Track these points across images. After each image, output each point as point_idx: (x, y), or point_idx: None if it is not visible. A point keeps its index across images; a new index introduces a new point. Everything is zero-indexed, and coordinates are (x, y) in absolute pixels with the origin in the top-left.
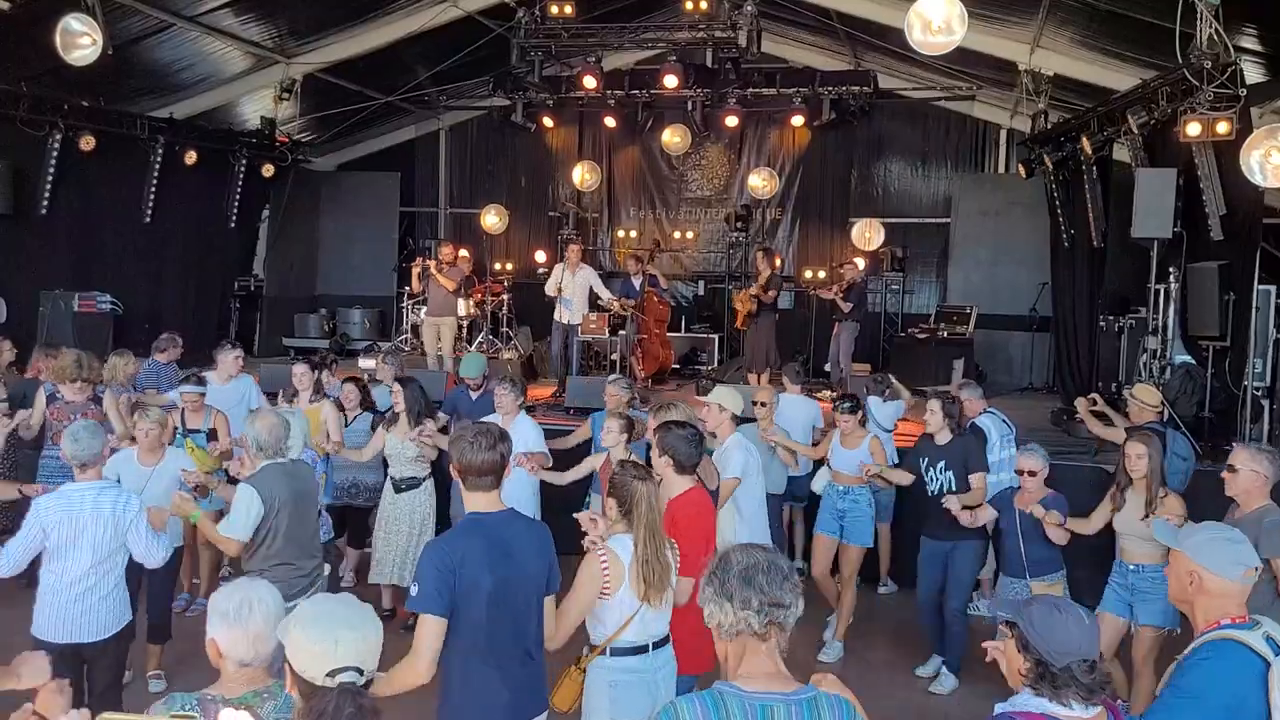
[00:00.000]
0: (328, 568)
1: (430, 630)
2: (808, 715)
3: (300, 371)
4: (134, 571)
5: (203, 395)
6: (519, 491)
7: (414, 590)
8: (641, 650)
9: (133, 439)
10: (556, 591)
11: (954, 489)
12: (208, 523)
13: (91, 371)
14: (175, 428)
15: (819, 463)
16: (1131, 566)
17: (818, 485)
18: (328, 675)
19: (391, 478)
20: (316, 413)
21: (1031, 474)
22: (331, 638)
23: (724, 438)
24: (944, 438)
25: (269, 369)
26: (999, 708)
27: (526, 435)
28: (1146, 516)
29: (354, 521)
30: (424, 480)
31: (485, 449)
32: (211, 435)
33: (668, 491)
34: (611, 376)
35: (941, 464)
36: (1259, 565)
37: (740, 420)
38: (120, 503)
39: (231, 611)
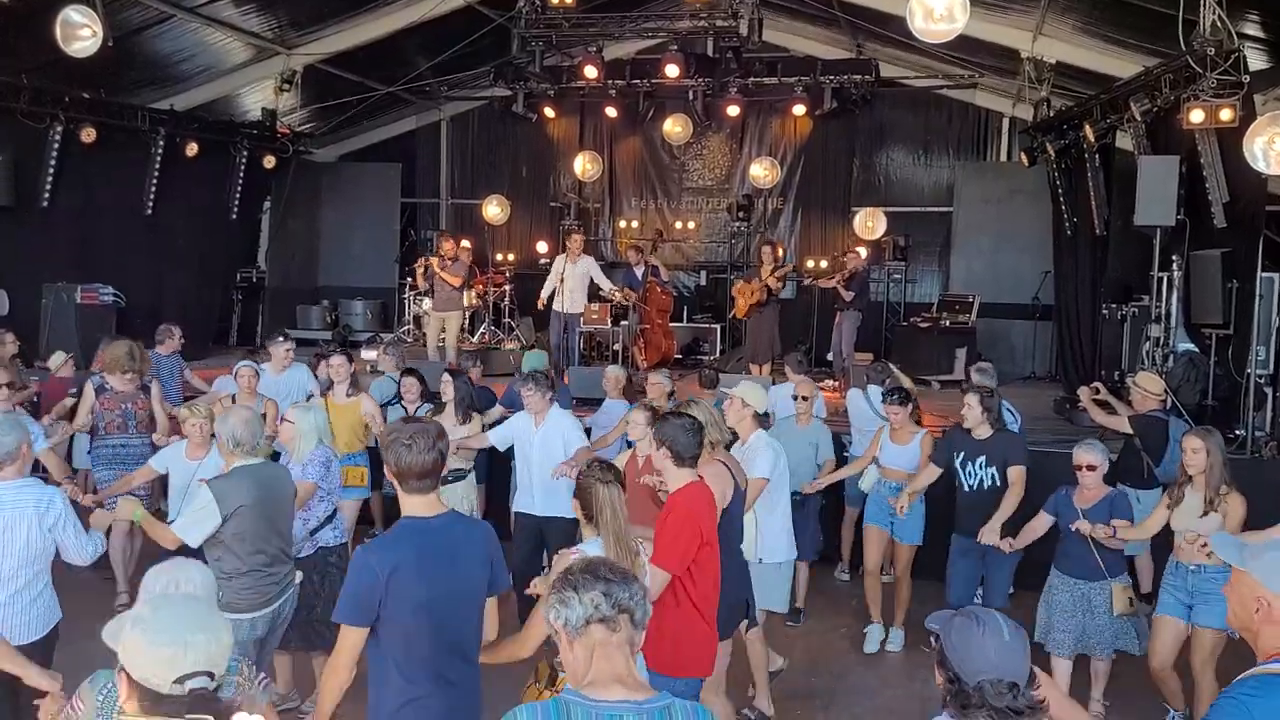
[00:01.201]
0: (299, 575)
1: (347, 640)
2: None
3: (337, 363)
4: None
5: (257, 375)
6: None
7: (339, 599)
8: None
9: (177, 433)
10: (504, 590)
11: (996, 484)
12: (152, 521)
13: (143, 363)
14: None
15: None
16: (1191, 567)
17: (865, 484)
18: (176, 682)
19: None
20: (355, 407)
21: (1091, 468)
22: (181, 640)
23: (746, 435)
24: (983, 432)
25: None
26: None
27: (564, 430)
28: (1206, 514)
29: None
30: (468, 473)
31: (423, 450)
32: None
33: (669, 484)
34: (610, 367)
35: (982, 459)
36: None
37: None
38: (44, 501)
39: (157, 592)
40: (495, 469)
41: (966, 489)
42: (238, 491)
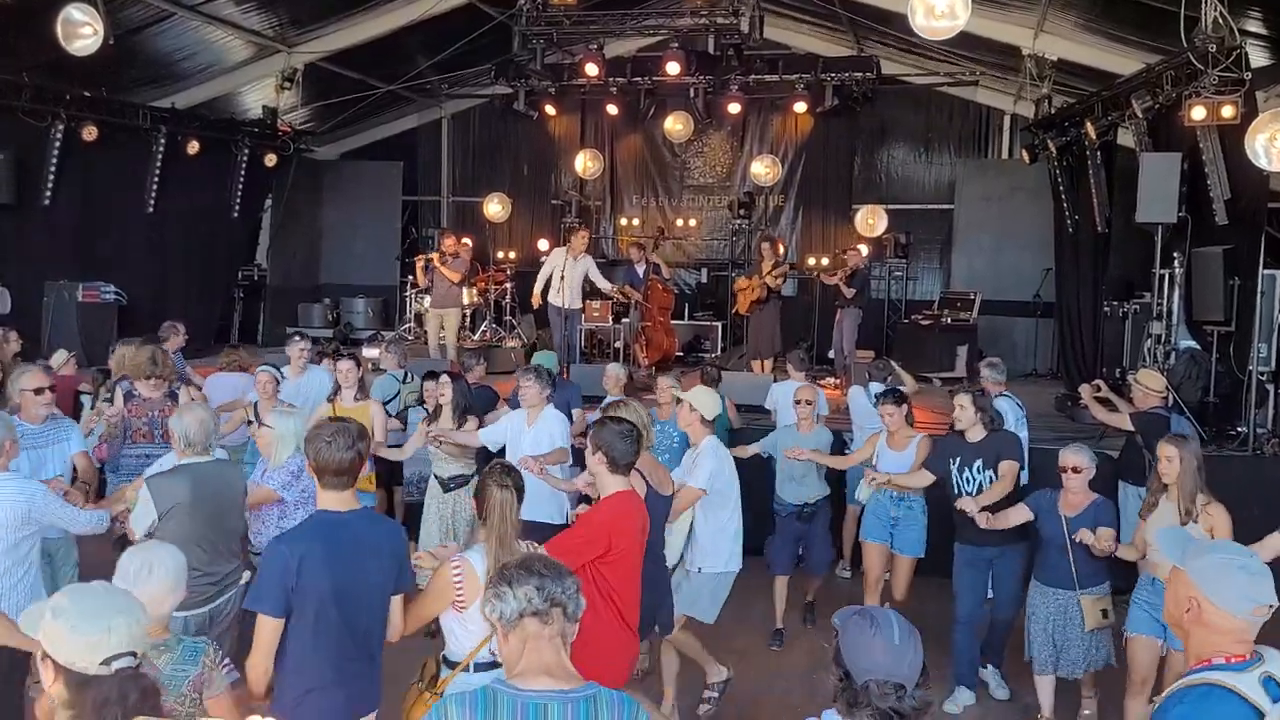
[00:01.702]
0: (247, 574)
1: (265, 628)
2: (585, 713)
3: (345, 368)
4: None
5: (276, 381)
6: (537, 487)
7: (251, 587)
8: (498, 665)
9: None
10: (408, 590)
11: None
12: None
13: (166, 369)
14: (250, 421)
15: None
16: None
17: (862, 495)
18: (102, 664)
19: (436, 476)
20: (363, 412)
21: (1076, 471)
22: (104, 625)
23: (696, 440)
24: (977, 434)
25: (275, 359)
26: None
27: (553, 432)
28: (1184, 524)
29: (417, 518)
30: (472, 477)
31: (342, 448)
32: None
33: (600, 490)
34: (611, 365)
35: (979, 463)
36: (1274, 603)
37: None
38: (24, 493)
39: (132, 573)
40: None
41: (966, 495)
42: (174, 489)
